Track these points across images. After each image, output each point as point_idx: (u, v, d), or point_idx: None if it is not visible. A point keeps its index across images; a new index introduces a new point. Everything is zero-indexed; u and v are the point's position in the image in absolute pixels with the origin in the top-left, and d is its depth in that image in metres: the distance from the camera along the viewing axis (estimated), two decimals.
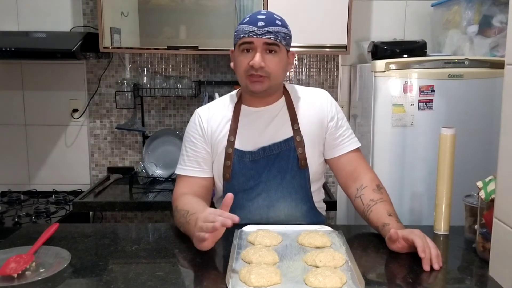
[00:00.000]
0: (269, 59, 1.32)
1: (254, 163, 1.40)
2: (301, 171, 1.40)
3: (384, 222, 1.25)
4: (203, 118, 1.45)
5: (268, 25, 1.30)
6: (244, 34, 1.31)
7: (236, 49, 1.36)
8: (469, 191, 1.30)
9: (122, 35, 2.27)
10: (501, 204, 1.05)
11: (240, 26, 1.35)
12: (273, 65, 1.32)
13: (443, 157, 1.32)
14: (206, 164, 1.43)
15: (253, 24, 1.31)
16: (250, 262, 1.07)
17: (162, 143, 2.56)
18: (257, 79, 1.32)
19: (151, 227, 1.53)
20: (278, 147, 1.39)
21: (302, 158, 1.38)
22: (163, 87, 2.48)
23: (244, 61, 1.32)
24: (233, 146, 1.39)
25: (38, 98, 2.56)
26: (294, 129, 1.39)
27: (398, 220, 1.26)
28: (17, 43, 2.21)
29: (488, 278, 1.06)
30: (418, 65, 1.98)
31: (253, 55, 1.31)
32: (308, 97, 1.45)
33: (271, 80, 1.34)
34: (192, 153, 1.43)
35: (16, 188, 2.56)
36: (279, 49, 1.33)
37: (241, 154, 1.39)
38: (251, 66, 1.30)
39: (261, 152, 1.39)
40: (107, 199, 2.18)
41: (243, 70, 1.33)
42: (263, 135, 1.40)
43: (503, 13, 2.03)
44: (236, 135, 1.40)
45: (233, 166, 1.39)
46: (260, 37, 1.30)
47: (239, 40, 1.33)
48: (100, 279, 1.05)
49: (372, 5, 2.54)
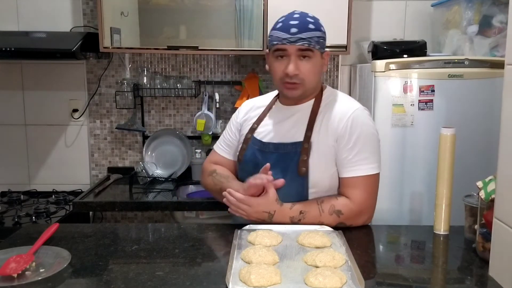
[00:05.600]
0: (303, 65, 1.34)
1: (263, 153, 1.43)
2: (300, 177, 1.38)
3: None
4: (245, 108, 1.58)
5: (301, 31, 1.31)
6: (278, 42, 1.33)
7: (270, 54, 1.39)
8: (469, 191, 1.30)
9: (122, 35, 2.27)
10: (501, 204, 1.05)
11: (273, 32, 1.36)
12: (307, 71, 1.35)
13: (443, 157, 1.32)
14: (231, 148, 1.58)
15: (286, 31, 1.32)
16: (250, 262, 1.07)
17: (162, 143, 2.56)
18: (291, 86, 1.36)
19: (151, 227, 1.53)
20: (285, 147, 1.41)
21: (304, 165, 1.37)
22: (163, 87, 2.48)
23: (279, 68, 1.36)
24: (253, 133, 1.49)
25: (38, 98, 2.56)
26: (306, 135, 1.39)
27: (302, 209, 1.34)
28: (17, 43, 2.21)
29: (488, 278, 1.06)
30: (418, 65, 1.98)
31: (287, 62, 1.34)
32: (336, 108, 1.41)
33: (306, 85, 1.37)
34: (227, 136, 1.59)
35: (16, 188, 2.56)
36: (313, 53, 1.34)
37: (254, 141, 1.47)
38: (286, 74, 1.34)
39: (272, 146, 1.43)
40: (107, 199, 2.18)
41: (278, 77, 1.38)
42: (278, 131, 1.44)
43: (503, 13, 2.03)
44: (260, 124, 1.49)
45: (246, 150, 1.48)
46: (293, 44, 1.31)
47: (272, 46, 1.36)
48: (100, 279, 1.05)
49: (372, 5, 2.54)
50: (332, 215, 1.34)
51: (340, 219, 1.34)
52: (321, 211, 1.34)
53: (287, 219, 1.34)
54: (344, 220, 1.35)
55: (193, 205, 2.15)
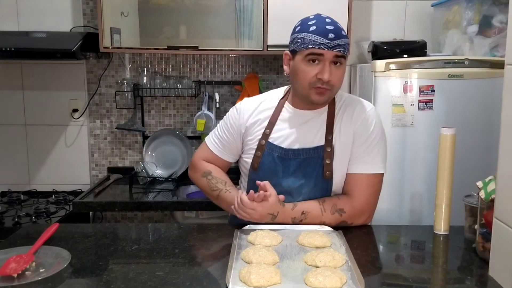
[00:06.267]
0: (335, 72, 1.32)
1: (282, 160, 1.41)
2: (325, 181, 1.38)
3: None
4: (247, 110, 1.49)
5: (338, 37, 1.29)
6: (314, 45, 1.29)
7: (300, 57, 1.33)
8: (469, 191, 1.30)
9: (122, 35, 2.27)
10: (501, 204, 1.05)
11: (305, 34, 1.31)
12: (338, 78, 1.33)
13: (443, 157, 1.32)
14: (228, 150, 1.52)
15: (323, 36, 1.29)
16: (250, 262, 1.07)
17: (162, 143, 2.56)
18: (322, 91, 1.33)
19: (151, 227, 1.53)
20: (307, 152, 1.39)
21: (328, 169, 1.37)
22: (163, 87, 2.48)
23: (311, 72, 1.32)
24: (267, 139, 1.43)
25: (38, 98, 2.56)
26: (328, 138, 1.38)
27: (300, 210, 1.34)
28: (17, 43, 2.21)
29: (488, 278, 1.06)
30: (418, 65, 1.98)
31: (321, 67, 1.31)
32: (351, 109, 1.42)
33: (333, 91, 1.36)
34: (223, 135, 1.52)
35: (16, 188, 2.56)
36: (344, 60, 1.34)
37: (272, 147, 1.42)
38: (319, 79, 1.31)
39: (291, 152, 1.40)
40: (107, 199, 2.18)
41: (308, 81, 1.33)
42: (297, 137, 1.41)
43: (503, 13, 2.03)
44: (273, 130, 1.43)
45: (262, 157, 1.43)
46: (331, 50, 1.29)
47: (305, 49, 1.31)
48: (100, 279, 1.05)
49: (372, 5, 2.54)
50: (334, 214, 1.34)
51: (342, 218, 1.35)
52: (323, 210, 1.34)
53: (289, 219, 1.34)
54: (346, 219, 1.35)
55: (193, 205, 2.15)
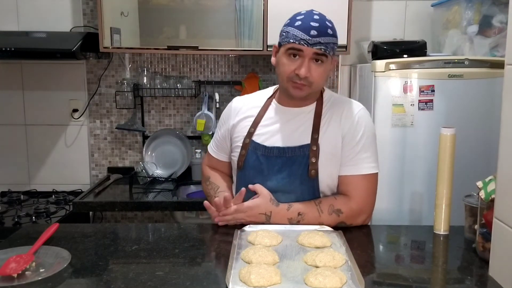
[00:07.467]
0: (314, 69, 1.32)
1: (266, 158, 1.40)
2: (310, 179, 1.37)
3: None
4: (235, 108, 1.51)
5: (321, 35, 1.29)
6: (295, 40, 1.29)
7: (283, 50, 1.34)
8: (469, 191, 1.30)
9: (122, 35, 2.27)
10: (501, 204, 1.05)
11: (290, 29, 1.31)
12: (317, 75, 1.33)
13: (443, 157, 1.32)
14: (221, 149, 1.56)
15: (306, 32, 1.28)
16: (250, 262, 1.07)
17: (162, 143, 2.56)
18: (299, 86, 1.33)
19: (151, 227, 1.53)
20: (293, 151, 1.38)
21: (313, 168, 1.36)
22: (163, 87, 2.49)
23: (290, 66, 1.32)
24: (251, 137, 1.43)
25: (38, 98, 2.56)
26: (314, 137, 1.38)
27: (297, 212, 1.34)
28: (17, 43, 2.21)
29: (488, 278, 1.06)
30: (418, 65, 1.98)
31: (300, 62, 1.31)
32: (339, 110, 1.41)
33: (312, 88, 1.35)
34: (217, 135, 1.57)
35: (16, 188, 2.56)
36: (326, 59, 1.33)
37: (256, 146, 1.42)
38: (296, 74, 1.31)
39: (276, 150, 1.39)
40: (107, 199, 2.18)
41: (287, 75, 1.34)
42: (282, 135, 1.41)
43: (503, 13, 2.03)
44: (257, 127, 1.44)
45: (246, 156, 1.43)
46: (310, 47, 1.29)
47: (287, 43, 1.32)
48: (100, 279, 1.05)
49: (372, 5, 2.54)
50: (332, 215, 1.33)
51: (340, 218, 1.34)
52: (320, 211, 1.33)
53: (285, 220, 1.34)
54: (344, 219, 1.35)
55: (193, 205, 2.15)
